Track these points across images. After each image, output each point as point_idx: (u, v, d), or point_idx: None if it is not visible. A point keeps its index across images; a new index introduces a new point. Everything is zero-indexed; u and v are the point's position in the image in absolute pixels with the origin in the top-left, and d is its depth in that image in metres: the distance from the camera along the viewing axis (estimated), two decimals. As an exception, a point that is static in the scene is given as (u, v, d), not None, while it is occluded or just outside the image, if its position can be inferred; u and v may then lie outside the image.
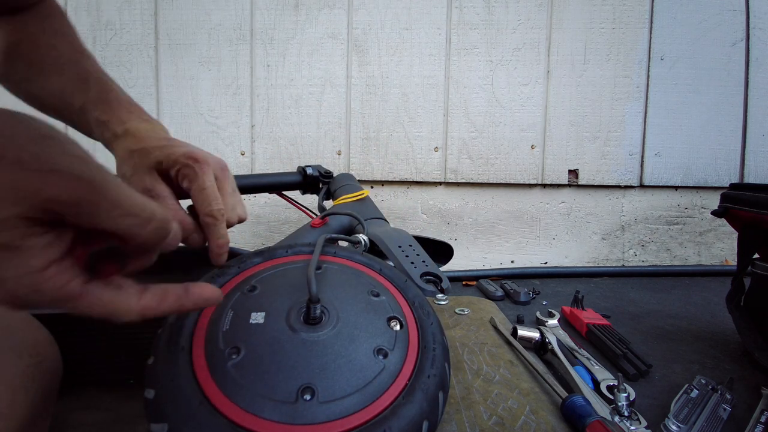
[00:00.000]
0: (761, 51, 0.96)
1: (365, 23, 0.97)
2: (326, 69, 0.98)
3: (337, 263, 0.40)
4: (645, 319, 0.70)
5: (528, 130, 0.98)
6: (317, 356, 0.29)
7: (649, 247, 1.01)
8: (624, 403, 0.41)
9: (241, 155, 1.00)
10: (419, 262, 0.50)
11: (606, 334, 0.58)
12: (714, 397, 0.44)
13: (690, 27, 0.96)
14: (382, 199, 1.00)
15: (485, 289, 0.83)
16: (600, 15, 0.96)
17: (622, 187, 1.00)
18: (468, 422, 0.38)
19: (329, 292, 0.35)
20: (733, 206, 0.57)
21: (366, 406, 0.28)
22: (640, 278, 0.95)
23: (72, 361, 0.35)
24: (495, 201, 1.00)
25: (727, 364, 0.54)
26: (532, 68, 0.97)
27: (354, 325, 0.33)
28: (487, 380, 0.45)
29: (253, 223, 1.01)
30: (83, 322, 0.43)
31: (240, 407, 0.26)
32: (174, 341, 0.30)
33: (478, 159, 0.98)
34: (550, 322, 0.63)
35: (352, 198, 0.68)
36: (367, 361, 0.30)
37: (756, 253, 0.58)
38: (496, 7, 0.96)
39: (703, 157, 0.99)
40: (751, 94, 0.97)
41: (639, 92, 0.97)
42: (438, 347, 0.34)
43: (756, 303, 0.58)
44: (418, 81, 0.97)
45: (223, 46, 0.98)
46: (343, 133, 0.99)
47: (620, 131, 0.98)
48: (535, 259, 1.01)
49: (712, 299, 0.80)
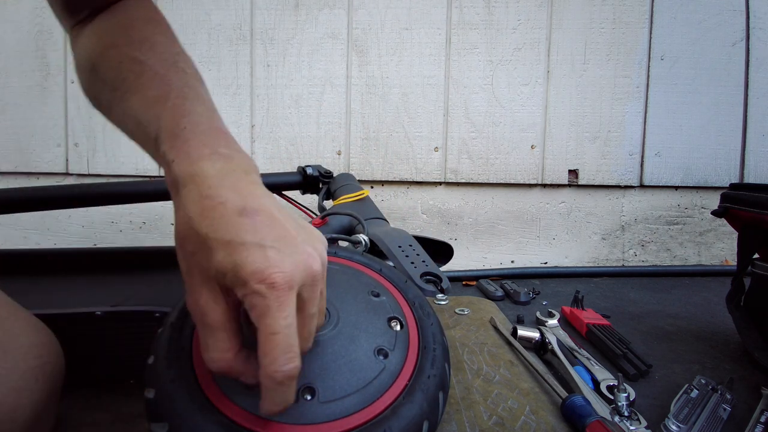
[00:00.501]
0: (761, 51, 0.96)
1: (365, 23, 0.97)
2: (326, 69, 0.98)
3: (337, 263, 0.40)
4: (645, 319, 0.70)
5: (528, 130, 0.98)
6: (317, 356, 0.29)
7: (649, 247, 1.01)
8: (624, 403, 0.41)
9: (241, 155, 1.00)
10: (419, 262, 0.50)
11: (606, 334, 0.58)
12: (714, 397, 0.44)
13: (690, 27, 0.96)
14: (382, 199, 1.00)
15: (485, 289, 0.83)
16: (600, 15, 0.96)
17: (622, 187, 1.00)
18: (468, 422, 0.38)
19: (329, 292, 0.35)
20: (733, 206, 0.57)
21: (366, 406, 0.28)
22: (640, 278, 0.95)
23: (72, 361, 0.35)
24: (495, 201, 1.00)
25: (727, 364, 0.54)
26: (532, 68, 0.97)
27: (354, 326, 0.32)
28: (487, 380, 0.45)
29: (253, 223, 1.01)
30: (83, 322, 0.43)
31: (240, 407, 0.26)
32: (175, 341, 0.30)
33: (478, 159, 0.98)
34: (550, 322, 0.63)
35: (352, 198, 0.68)
36: (368, 362, 0.30)
37: (756, 253, 0.58)
38: (496, 7, 0.96)
39: (703, 157, 0.99)
40: (751, 94, 0.97)
41: (639, 92, 0.97)
42: (438, 347, 0.34)
43: (756, 303, 0.58)
44: (418, 81, 0.97)
45: (223, 46, 0.98)
46: (343, 133, 0.99)
47: (620, 131, 0.98)
48: (535, 259, 1.01)
49: (712, 299, 0.80)
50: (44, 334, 0.33)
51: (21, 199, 0.61)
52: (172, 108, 0.29)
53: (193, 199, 0.25)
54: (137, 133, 0.31)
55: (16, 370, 0.28)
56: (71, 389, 0.37)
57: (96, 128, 1.01)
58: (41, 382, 0.30)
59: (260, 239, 0.23)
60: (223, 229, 0.23)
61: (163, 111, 0.29)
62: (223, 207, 0.24)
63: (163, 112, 0.28)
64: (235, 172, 0.26)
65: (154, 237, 1.03)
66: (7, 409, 0.26)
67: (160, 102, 0.29)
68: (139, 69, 0.31)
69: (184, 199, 0.25)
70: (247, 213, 0.24)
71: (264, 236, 0.23)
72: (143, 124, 0.29)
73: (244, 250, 0.22)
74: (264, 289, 0.22)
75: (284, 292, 0.22)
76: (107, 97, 0.33)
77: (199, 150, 0.26)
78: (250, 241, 0.23)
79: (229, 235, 0.23)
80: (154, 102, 0.29)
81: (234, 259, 0.22)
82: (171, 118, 0.28)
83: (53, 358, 0.32)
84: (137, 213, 1.02)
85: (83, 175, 1.02)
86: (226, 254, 0.22)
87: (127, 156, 1.01)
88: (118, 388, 0.44)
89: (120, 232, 1.03)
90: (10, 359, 0.28)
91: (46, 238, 1.05)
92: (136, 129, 0.31)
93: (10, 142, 1.02)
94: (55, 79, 1.00)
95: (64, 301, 0.58)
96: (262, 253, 0.23)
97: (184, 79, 0.31)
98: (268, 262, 0.22)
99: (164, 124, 0.28)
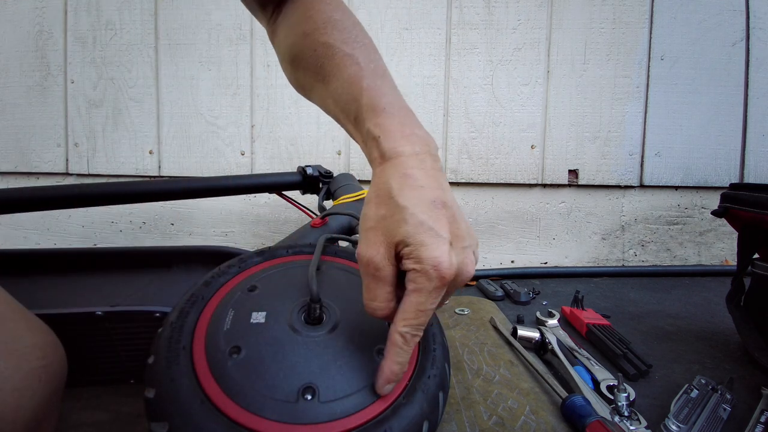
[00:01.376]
0: (761, 51, 0.96)
1: (365, 23, 0.96)
2: (326, 69, 0.98)
3: (337, 263, 0.40)
4: (645, 319, 0.70)
5: (528, 130, 0.98)
6: (318, 356, 0.29)
7: (649, 247, 1.01)
8: (624, 403, 0.41)
9: (241, 155, 1.00)
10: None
11: (606, 334, 0.58)
12: (714, 397, 0.44)
13: (690, 27, 0.96)
14: (382, 199, 1.00)
15: (485, 289, 0.83)
16: (600, 15, 0.96)
17: (622, 187, 1.00)
18: (468, 422, 0.38)
19: (330, 292, 0.35)
20: (733, 206, 0.57)
21: (367, 406, 0.28)
22: (640, 278, 0.95)
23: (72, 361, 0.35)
24: (495, 201, 1.00)
25: (727, 364, 0.54)
26: (532, 68, 0.97)
27: (354, 326, 0.33)
28: (487, 380, 0.45)
29: (253, 223, 1.01)
30: (83, 322, 0.43)
31: (241, 406, 0.26)
32: (175, 340, 0.30)
33: (478, 159, 0.98)
34: (550, 322, 0.63)
35: (352, 198, 0.68)
36: (368, 362, 0.30)
37: (756, 253, 0.58)
38: (496, 7, 0.96)
39: (703, 157, 0.99)
40: (751, 94, 0.97)
41: (639, 92, 0.97)
42: (438, 348, 0.34)
43: (756, 303, 0.58)
44: (418, 81, 0.97)
45: (223, 46, 0.98)
46: (343, 133, 0.99)
47: (620, 131, 0.98)
48: (535, 259, 1.01)
49: (712, 299, 0.80)
50: (47, 335, 0.33)
51: (21, 199, 0.61)
52: (368, 89, 0.33)
53: (395, 174, 0.29)
54: (336, 112, 0.35)
55: (20, 371, 0.28)
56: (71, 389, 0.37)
57: (96, 128, 1.01)
58: (44, 383, 0.30)
59: (444, 231, 0.27)
60: (420, 210, 0.27)
61: (361, 92, 0.33)
62: (422, 191, 0.28)
63: (362, 93, 0.32)
64: (429, 156, 0.31)
65: (154, 237, 1.03)
66: (9, 410, 0.27)
67: (354, 83, 0.33)
68: (331, 53, 0.35)
69: (388, 171, 0.29)
70: (441, 205, 0.28)
71: (447, 230, 0.28)
72: (342, 103, 0.34)
73: (432, 235, 0.27)
74: (433, 274, 0.26)
75: (445, 283, 0.27)
76: (310, 84, 0.38)
77: (401, 129, 0.31)
78: (437, 230, 0.27)
79: (423, 216, 0.27)
80: (350, 84, 0.33)
81: (422, 237, 0.27)
82: (370, 98, 0.32)
83: (56, 358, 0.32)
84: (137, 213, 1.02)
85: (83, 175, 1.02)
86: (416, 231, 0.27)
87: (127, 156, 1.01)
88: (118, 388, 0.45)
89: (120, 232, 1.03)
90: (14, 360, 0.28)
91: (46, 238, 1.05)
92: (335, 108, 0.35)
93: (10, 142, 1.02)
94: (55, 79, 1.00)
95: (64, 301, 0.58)
96: (443, 244, 0.27)
97: (367, 54, 0.35)
98: (445, 255, 0.26)
99: (365, 103, 0.32)
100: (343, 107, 0.34)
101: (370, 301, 0.29)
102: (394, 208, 0.28)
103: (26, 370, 0.29)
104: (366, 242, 0.28)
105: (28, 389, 0.28)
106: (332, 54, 0.35)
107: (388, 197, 0.28)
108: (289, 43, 0.38)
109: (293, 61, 0.38)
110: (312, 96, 0.40)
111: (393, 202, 0.28)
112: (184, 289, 0.35)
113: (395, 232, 0.27)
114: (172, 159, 1.00)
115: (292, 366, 0.29)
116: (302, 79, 0.39)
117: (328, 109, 0.37)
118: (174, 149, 1.00)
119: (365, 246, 0.28)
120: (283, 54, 0.40)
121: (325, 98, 0.36)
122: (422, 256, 0.26)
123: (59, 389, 0.32)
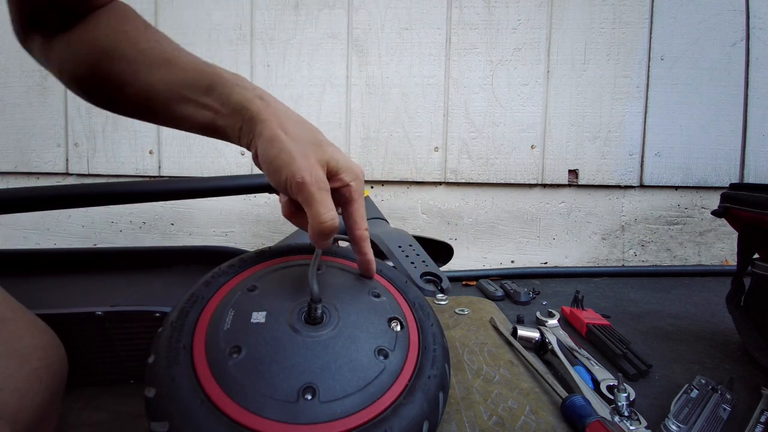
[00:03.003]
0: (761, 51, 0.97)
1: (365, 23, 0.97)
2: (326, 69, 0.98)
3: (337, 263, 0.40)
4: (645, 319, 0.70)
5: (528, 130, 0.98)
6: (318, 356, 0.29)
7: (649, 247, 1.01)
8: (624, 403, 0.41)
9: (241, 155, 1.00)
10: (419, 262, 0.50)
11: (606, 334, 0.58)
12: (714, 397, 0.44)
13: (690, 27, 0.96)
14: (382, 199, 1.00)
15: (485, 289, 0.83)
16: (600, 15, 0.96)
17: (622, 187, 1.00)
18: (468, 422, 0.38)
19: (330, 292, 0.35)
20: (733, 206, 0.57)
21: (367, 406, 0.28)
22: (640, 278, 0.95)
23: (72, 361, 0.35)
24: (495, 201, 1.00)
25: (727, 364, 0.54)
26: (532, 68, 0.97)
27: (355, 326, 0.33)
28: (487, 380, 0.45)
29: (253, 223, 1.01)
30: (83, 322, 0.43)
31: (241, 406, 0.26)
32: (175, 340, 0.30)
33: (478, 159, 0.98)
34: (550, 322, 0.63)
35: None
36: (368, 362, 0.30)
37: (756, 253, 0.58)
38: (496, 7, 0.96)
39: (703, 157, 0.99)
40: (751, 94, 0.97)
41: (639, 92, 0.97)
42: (438, 348, 0.34)
43: (756, 303, 0.58)
44: (418, 81, 0.97)
45: (223, 46, 0.98)
46: (343, 133, 0.99)
47: (620, 131, 0.98)
48: (535, 259, 1.01)
49: (712, 299, 0.80)
50: (48, 336, 0.33)
51: (21, 199, 0.61)
52: (211, 66, 0.37)
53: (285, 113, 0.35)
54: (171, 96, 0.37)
55: (20, 372, 0.28)
56: (71, 389, 0.37)
57: (96, 128, 1.01)
58: (45, 383, 0.30)
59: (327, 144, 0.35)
60: (324, 138, 0.36)
61: (204, 69, 0.36)
62: (309, 124, 0.36)
63: (207, 69, 0.36)
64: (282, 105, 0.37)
65: (154, 237, 1.03)
66: (10, 410, 0.27)
67: (198, 62, 0.37)
68: (161, 47, 0.38)
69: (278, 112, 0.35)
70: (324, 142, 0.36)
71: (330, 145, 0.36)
72: (185, 83, 0.36)
73: (343, 156, 0.35)
74: (354, 184, 0.35)
75: (362, 187, 0.36)
76: (132, 73, 0.38)
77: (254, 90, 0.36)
78: (342, 154, 0.35)
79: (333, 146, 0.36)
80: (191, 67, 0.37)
81: (341, 156, 0.35)
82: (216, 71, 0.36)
83: (57, 359, 0.32)
84: (137, 213, 1.02)
85: (83, 175, 1.02)
86: (335, 151, 0.35)
87: (127, 156, 1.01)
88: (118, 388, 0.45)
89: (120, 232, 1.03)
90: (15, 360, 0.28)
91: (46, 238, 1.05)
92: (170, 94, 0.37)
93: (10, 142, 1.02)
94: (56, 79, 1.00)
95: (64, 301, 0.58)
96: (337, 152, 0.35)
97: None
98: (342, 158, 0.35)
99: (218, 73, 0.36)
100: (190, 83, 0.36)
101: (326, 212, 0.32)
102: (317, 141, 0.34)
103: (27, 371, 0.29)
104: (305, 165, 0.32)
105: (29, 389, 0.28)
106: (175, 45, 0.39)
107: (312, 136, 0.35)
108: (100, 40, 0.38)
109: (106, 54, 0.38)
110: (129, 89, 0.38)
111: (315, 137, 0.35)
112: (184, 289, 0.35)
113: (322, 157, 0.33)
114: (172, 159, 1.01)
115: (292, 366, 0.29)
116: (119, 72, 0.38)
117: (158, 91, 0.37)
118: (174, 149, 1.00)
119: (307, 167, 0.32)
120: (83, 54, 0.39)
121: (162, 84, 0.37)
122: (355, 169, 0.35)
123: (60, 389, 0.32)
